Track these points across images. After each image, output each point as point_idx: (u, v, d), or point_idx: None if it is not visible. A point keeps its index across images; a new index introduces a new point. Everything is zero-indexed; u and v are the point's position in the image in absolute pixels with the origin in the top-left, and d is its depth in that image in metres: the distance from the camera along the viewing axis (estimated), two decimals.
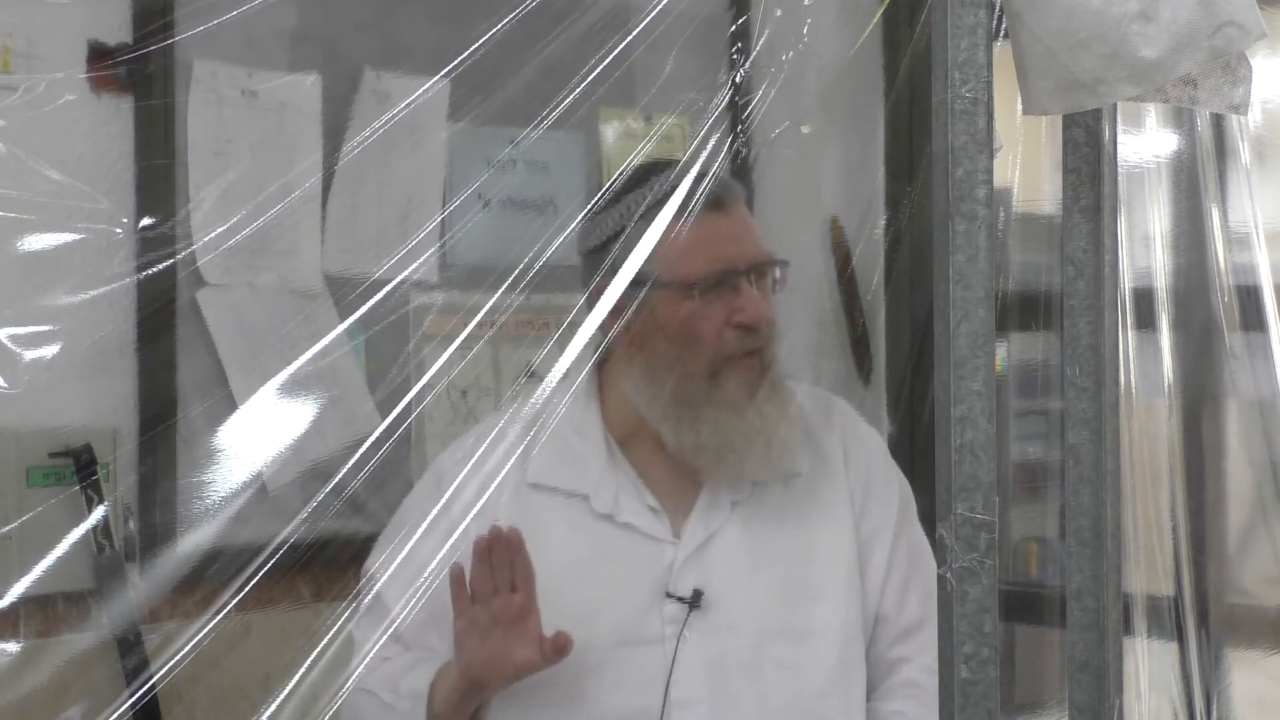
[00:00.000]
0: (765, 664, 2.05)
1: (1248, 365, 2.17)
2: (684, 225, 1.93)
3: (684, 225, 1.93)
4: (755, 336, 2.05)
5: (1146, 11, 1.28)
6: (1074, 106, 1.34)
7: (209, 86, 2.69)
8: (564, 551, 2.04)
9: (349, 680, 1.77)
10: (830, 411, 2.20)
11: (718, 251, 2.03)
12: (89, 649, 2.39)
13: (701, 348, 2.03)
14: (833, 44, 3.08)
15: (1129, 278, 1.66)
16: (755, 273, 2.05)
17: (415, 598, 1.86)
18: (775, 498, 2.11)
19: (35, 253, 2.28)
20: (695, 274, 2.01)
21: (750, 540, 2.09)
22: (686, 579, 2.05)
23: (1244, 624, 2.66)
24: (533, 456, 2.09)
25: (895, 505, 2.17)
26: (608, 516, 2.08)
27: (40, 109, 2.47)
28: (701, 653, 2.03)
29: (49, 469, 2.47)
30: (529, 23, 1.86)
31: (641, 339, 2.05)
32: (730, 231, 2.06)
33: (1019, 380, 3.28)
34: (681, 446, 2.07)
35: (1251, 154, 2.02)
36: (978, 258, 1.25)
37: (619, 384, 2.12)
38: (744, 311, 2.03)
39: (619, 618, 2.04)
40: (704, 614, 2.04)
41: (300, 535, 1.88)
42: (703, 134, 1.83)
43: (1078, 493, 1.43)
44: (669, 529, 2.08)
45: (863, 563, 2.13)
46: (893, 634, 2.14)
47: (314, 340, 2.38)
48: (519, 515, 2.07)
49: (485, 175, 3.00)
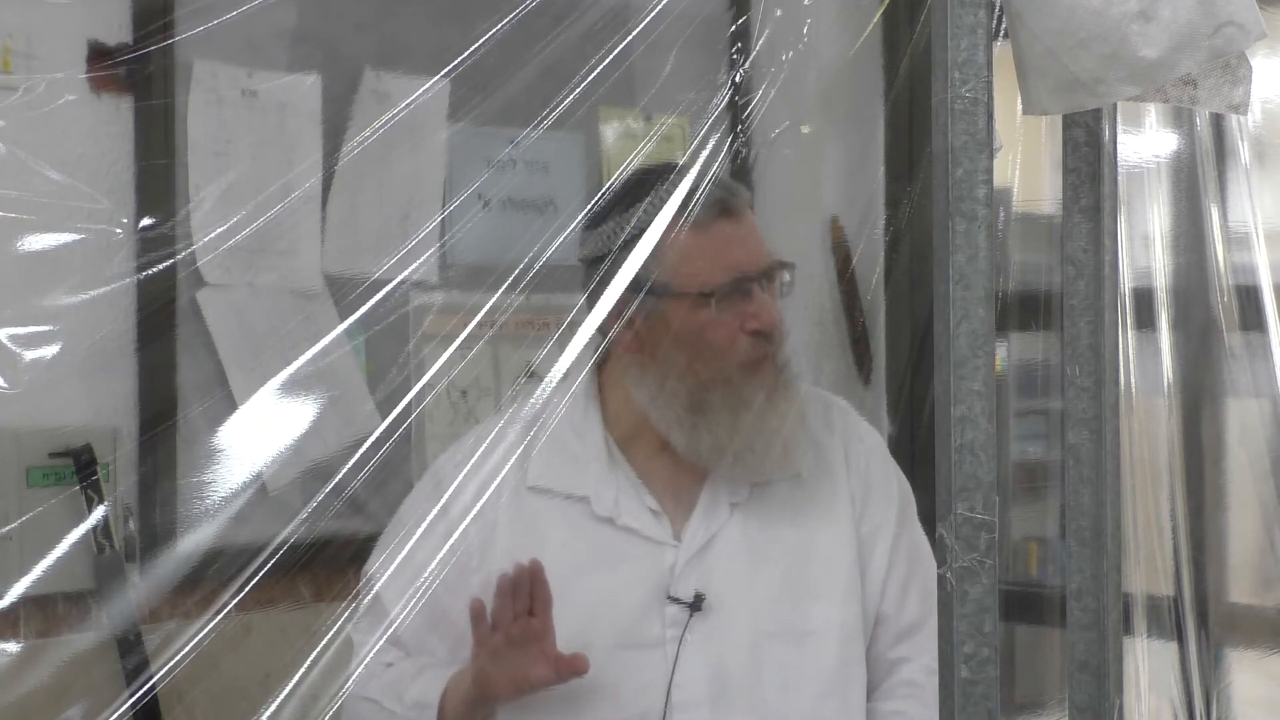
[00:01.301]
0: (766, 666, 2.05)
1: (1247, 365, 2.17)
2: (692, 233, 1.95)
3: (692, 233, 1.95)
4: (768, 341, 2.06)
5: (1146, 11, 1.28)
6: (1074, 106, 1.34)
7: (209, 86, 2.69)
8: (564, 555, 2.04)
9: (349, 681, 1.77)
10: (830, 412, 2.20)
11: (731, 260, 2.03)
12: (89, 649, 2.39)
13: (717, 355, 2.04)
14: (833, 44, 3.08)
15: (1129, 278, 1.66)
16: (765, 278, 2.06)
17: (414, 600, 1.87)
18: (775, 499, 2.11)
19: (35, 253, 2.28)
20: (711, 284, 2.02)
21: (751, 541, 2.09)
22: (688, 582, 2.05)
23: (1244, 624, 2.67)
24: (532, 459, 2.09)
25: (895, 505, 2.17)
26: (608, 519, 2.08)
27: (40, 109, 2.47)
28: (703, 656, 2.03)
29: (49, 469, 2.47)
30: (529, 23, 1.86)
31: (653, 347, 2.06)
32: (741, 238, 2.06)
33: (1019, 380, 3.28)
34: (697, 451, 2.07)
35: (1251, 154, 2.02)
36: (978, 258, 1.25)
37: (621, 387, 2.12)
38: (757, 318, 2.03)
39: (620, 621, 2.04)
40: (705, 617, 2.04)
41: (300, 535, 1.88)
42: (703, 134, 1.83)
43: (1078, 493, 1.43)
44: (670, 531, 2.08)
45: (863, 563, 2.13)
46: (893, 634, 2.14)
47: (314, 340, 2.38)
48: (519, 518, 2.07)
49: (485, 175, 3.00)
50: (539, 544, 2.02)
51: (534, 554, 1.97)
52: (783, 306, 2.10)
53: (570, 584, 2.00)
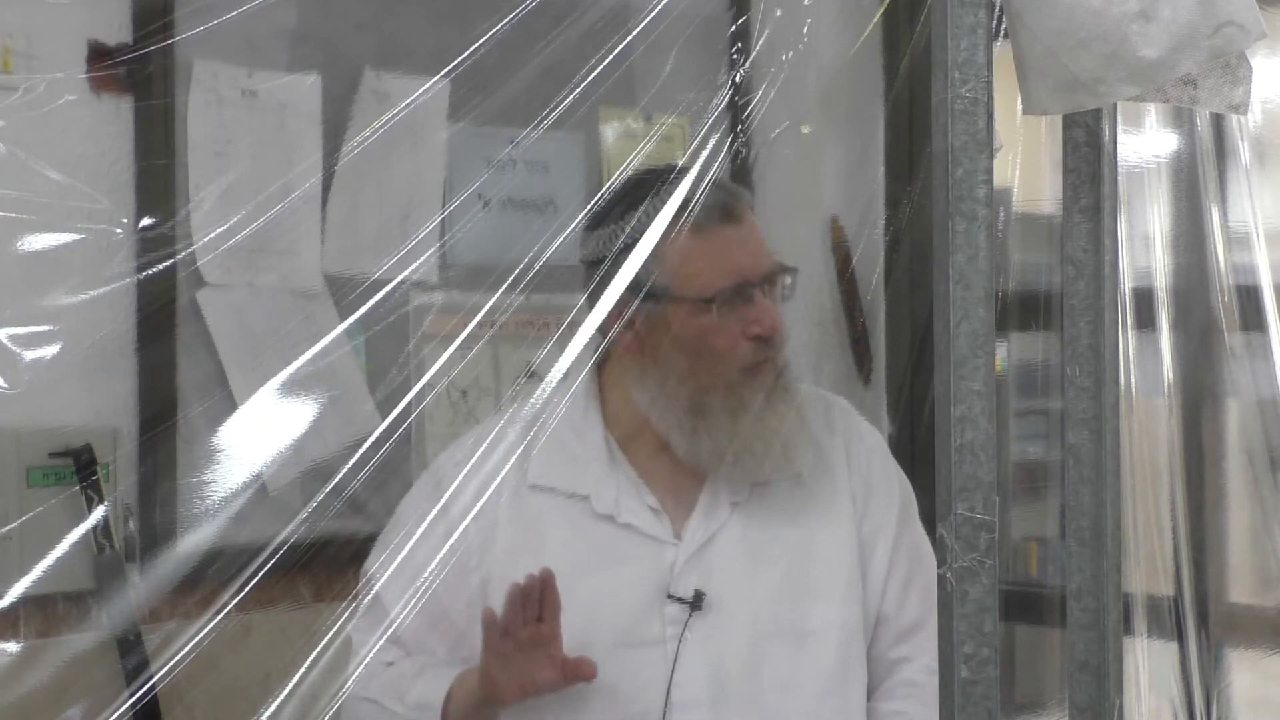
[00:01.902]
0: (765, 665, 2.05)
1: (1247, 365, 2.17)
2: (694, 237, 1.95)
3: (694, 237, 1.95)
4: (768, 346, 2.06)
5: (1146, 11, 1.28)
6: (1074, 106, 1.34)
7: (209, 86, 2.69)
8: (565, 553, 2.04)
9: (349, 681, 1.77)
10: (831, 412, 2.20)
11: (733, 265, 2.03)
12: (89, 649, 2.39)
13: (717, 360, 2.04)
14: (833, 44, 3.08)
15: (1129, 278, 1.66)
16: (767, 282, 2.06)
17: (414, 600, 1.87)
18: (776, 498, 2.11)
19: (35, 253, 2.28)
20: (712, 288, 2.02)
21: (751, 541, 2.09)
22: (687, 580, 2.05)
23: (1244, 624, 2.66)
24: (533, 458, 2.09)
25: (896, 504, 2.17)
26: (608, 517, 2.08)
27: (40, 109, 2.47)
28: (702, 654, 2.03)
29: (49, 469, 2.47)
30: (529, 23, 1.86)
31: (654, 351, 2.06)
32: (742, 242, 2.06)
33: (1019, 380, 3.28)
34: (697, 456, 2.07)
35: (1251, 154, 2.01)
36: (978, 258, 1.25)
37: (622, 387, 2.12)
38: (759, 323, 2.03)
39: (620, 620, 2.04)
40: (705, 615, 2.04)
41: (300, 535, 1.88)
42: (703, 134, 1.83)
43: (1078, 493, 1.43)
44: (670, 529, 2.08)
45: (864, 563, 2.13)
46: (893, 634, 2.14)
47: (314, 340, 2.37)
48: (519, 517, 2.07)
49: (485, 175, 3.00)
50: (539, 542, 2.02)
51: (534, 553, 1.97)
52: (783, 308, 2.10)
53: (571, 582, 2.00)
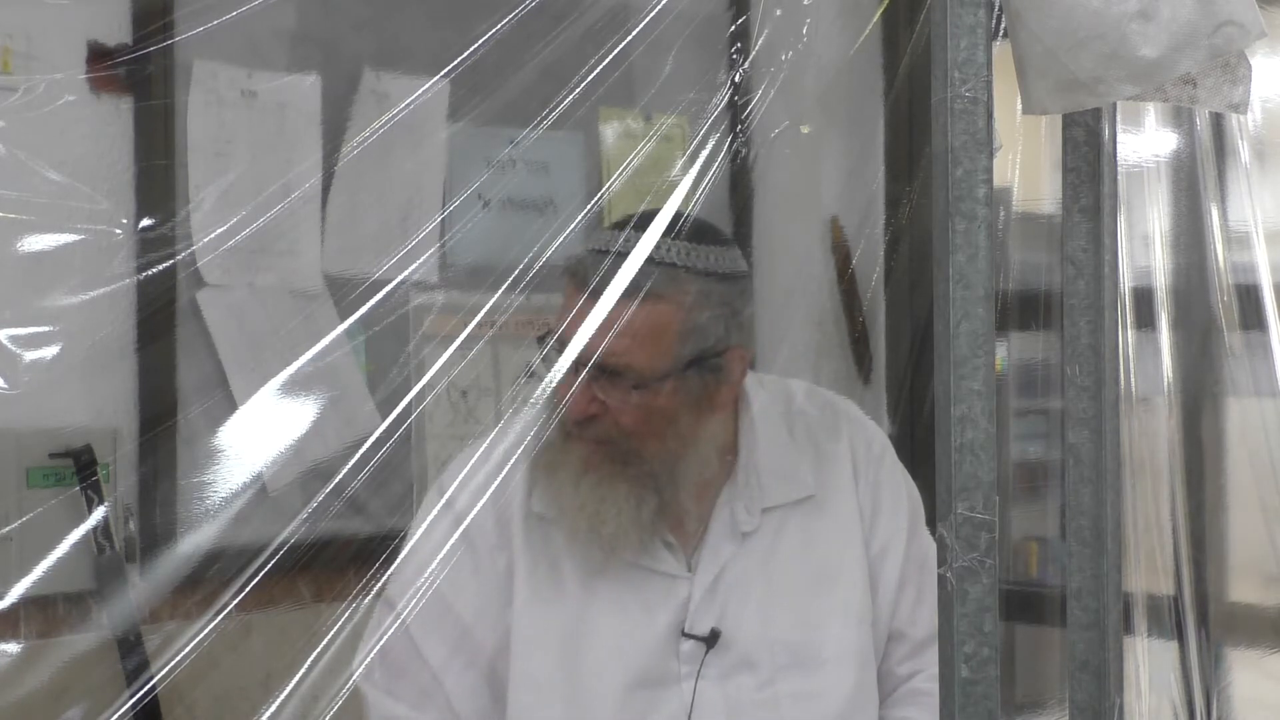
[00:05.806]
0: (783, 697, 2.02)
1: (1247, 364, 2.17)
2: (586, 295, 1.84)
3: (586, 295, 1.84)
4: (586, 428, 1.96)
5: (1146, 11, 1.28)
6: (1074, 106, 1.34)
7: (209, 87, 2.69)
8: (579, 592, 2.01)
9: (349, 681, 1.77)
10: (837, 419, 2.16)
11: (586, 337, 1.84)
12: (89, 650, 2.39)
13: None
14: (832, 44, 3.08)
15: (1129, 277, 1.65)
16: (603, 371, 1.92)
17: (455, 658, 1.85)
18: (787, 524, 2.08)
19: (35, 253, 2.28)
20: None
21: (763, 571, 2.05)
22: (703, 617, 2.01)
23: (1244, 624, 2.66)
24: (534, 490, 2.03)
25: (905, 515, 2.13)
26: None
27: (40, 109, 2.47)
28: (720, 692, 2.00)
29: (49, 469, 2.47)
30: (529, 23, 1.86)
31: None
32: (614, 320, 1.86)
33: (1019, 380, 3.28)
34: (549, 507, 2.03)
35: (1251, 153, 2.01)
36: (978, 258, 1.25)
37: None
38: (571, 407, 1.93)
39: (637, 659, 2.00)
40: (720, 651, 2.01)
41: (301, 536, 1.88)
42: (703, 134, 1.83)
43: (1078, 492, 1.43)
44: (683, 563, 2.04)
45: (874, 579, 2.10)
46: (905, 650, 2.12)
47: (314, 340, 2.38)
48: (529, 545, 2.03)
49: (485, 175, 3.00)
50: (553, 569, 2.00)
51: (551, 583, 1.96)
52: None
53: (586, 624, 1.98)
